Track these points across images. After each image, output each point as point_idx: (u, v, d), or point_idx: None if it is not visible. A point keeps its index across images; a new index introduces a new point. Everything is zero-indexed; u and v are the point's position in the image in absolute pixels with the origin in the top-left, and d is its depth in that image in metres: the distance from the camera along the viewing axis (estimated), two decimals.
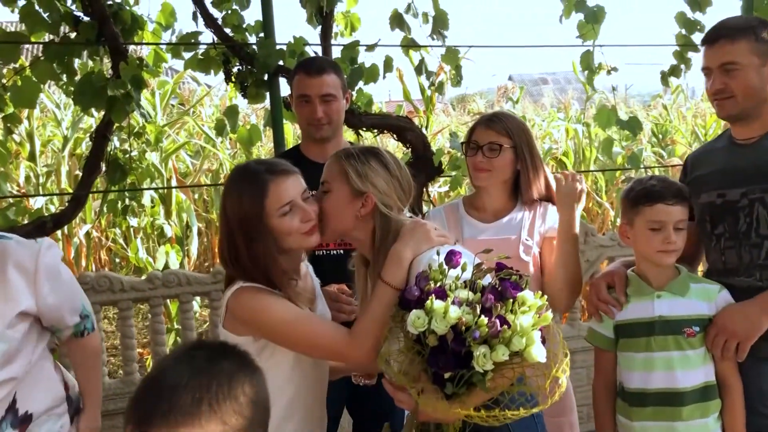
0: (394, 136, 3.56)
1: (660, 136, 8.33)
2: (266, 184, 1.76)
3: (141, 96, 3.28)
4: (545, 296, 1.53)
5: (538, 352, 1.47)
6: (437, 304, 1.47)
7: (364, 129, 3.51)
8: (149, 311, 3.46)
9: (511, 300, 1.50)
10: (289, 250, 1.80)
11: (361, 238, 1.82)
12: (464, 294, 1.52)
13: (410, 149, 3.56)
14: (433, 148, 3.61)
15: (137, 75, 3.15)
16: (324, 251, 2.43)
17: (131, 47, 3.76)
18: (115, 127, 3.57)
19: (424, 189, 3.60)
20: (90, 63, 3.57)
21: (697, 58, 4.60)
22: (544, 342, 1.49)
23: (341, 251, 2.44)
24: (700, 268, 2.33)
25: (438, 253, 1.62)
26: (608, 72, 4.09)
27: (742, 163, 2.03)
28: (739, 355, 1.93)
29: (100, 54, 3.45)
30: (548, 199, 2.28)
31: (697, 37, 4.46)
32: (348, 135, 3.66)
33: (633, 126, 3.87)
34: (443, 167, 3.56)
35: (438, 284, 1.54)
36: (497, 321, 1.46)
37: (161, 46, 3.72)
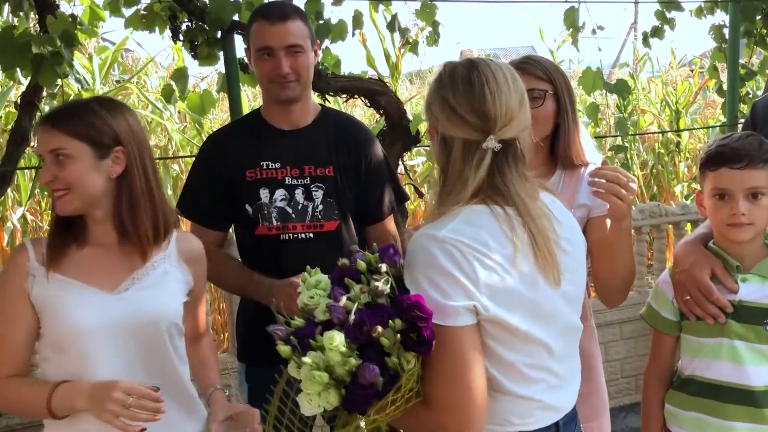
0: (366, 101, 3.20)
1: (622, 107, 8.14)
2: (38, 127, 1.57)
3: (73, 57, 2.83)
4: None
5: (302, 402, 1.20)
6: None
7: (332, 93, 3.15)
8: None
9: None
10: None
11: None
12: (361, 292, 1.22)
13: (384, 116, 3.21)
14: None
15: (68, 31, 2.70)
16: (290, 235, 2.06)
17: (63, 4, 3.30)
18: (46, 94, 3.12)
19: (400, 160, 3.26)
20: (14, 20, 3.10)
21: (680, 18, 4.38)
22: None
23: (310, 234, 2.07)
24: None
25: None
26: (593, 31, 3.81)
27: None
28: None
29: (24, 9, 2.99)
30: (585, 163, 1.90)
31: None
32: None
33: (621, 89, 3.60)
34: (420, 136, 3.22)
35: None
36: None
37: (97, 3, 3.26)
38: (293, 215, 2.06)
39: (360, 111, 5.95)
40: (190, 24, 3.04)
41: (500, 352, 1.28)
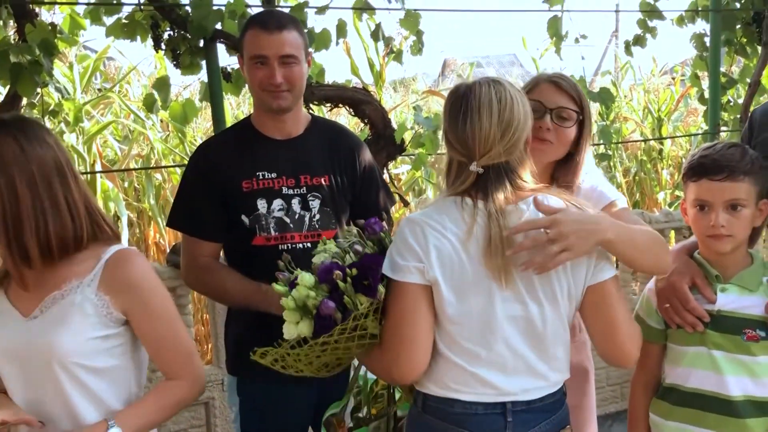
0: (350, 110, 3.18)
1: (604, 115, 8.20)
2: None
3: (53, 66, 2.79)
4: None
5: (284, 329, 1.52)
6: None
7: (316, 102, 3.13)
8: None
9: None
10: None
11: None
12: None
13: (368, 125, 3.19)
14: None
15: (47, 39, 2.67)
16: (289, 245, 2.03)
17: (42, 12, 3.26)
18: (25, 103, 3.08)
19: (385, 169, 3.25)
20: None
21: (661, 26, 4.42)
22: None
23: (308, 244, 2.03)
24: None
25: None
26: (576, 40, 3.83)
27: None
28: None
29: (2, 17, 2.95)
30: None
31: (663, 4, 4.28)
32: None
33: (604, 97, 3.62)
34: (405, 145, 3.21)
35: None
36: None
37: (78, 11, 3.23)
38: (291, 225, 2.04)
39: (344, 120, 5.93)
40: (172, 33, 3.02)
41: (441, 319, 1.47)
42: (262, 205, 2.02)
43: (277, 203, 2.03)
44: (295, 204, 2.04)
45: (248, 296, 2.00)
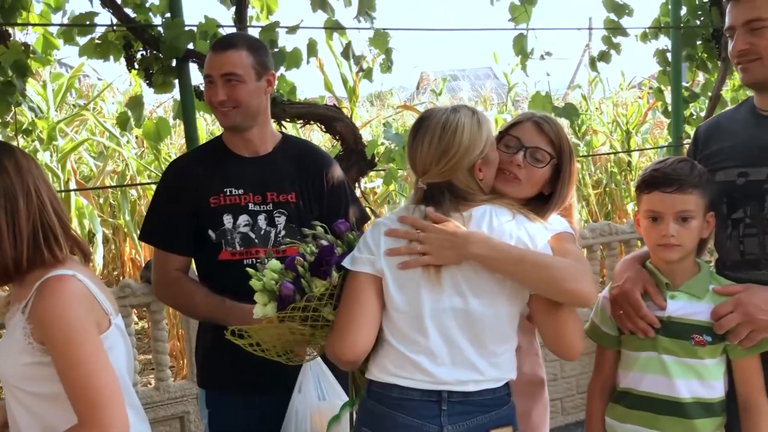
0: (322, 127, 3.25)
1: (576, 128, 8.33)
2: None
3: (26, 86, 2.83)
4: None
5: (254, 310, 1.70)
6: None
7: (288, 119, 3.19)
8: None
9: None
10: None
11: None
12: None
13: (339, 141, 3.26)
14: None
15: (20, 60, 2.71)
16: (254, 260, 2.08)
17: (16, 33, 3.30)
18: None
19: (357, 185, 3.31)
20: None
21: (625, 43, 4.54)
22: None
23: (273, 260, 2.09)
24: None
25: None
26: (542, 57, 3.93)
27: None
28: (744, 343, 1.72)
29: None
30: None
31: (626, 22, 4.39)
32: None
33: (569, 113, 3.72)
34: (376, 160, 3.28)
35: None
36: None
37: (51, 31, 3.27)
38: (256, 240, 2.09)
39: (318, 135, 6.00)
40: (144, 53, 3.06)
41: (388, 307, 1.63)
42: (228, 220, 2.09)
43: (243, 219, 2.10)
44: (261, 220, 2.10)
45: (213, 310, 2.05)
